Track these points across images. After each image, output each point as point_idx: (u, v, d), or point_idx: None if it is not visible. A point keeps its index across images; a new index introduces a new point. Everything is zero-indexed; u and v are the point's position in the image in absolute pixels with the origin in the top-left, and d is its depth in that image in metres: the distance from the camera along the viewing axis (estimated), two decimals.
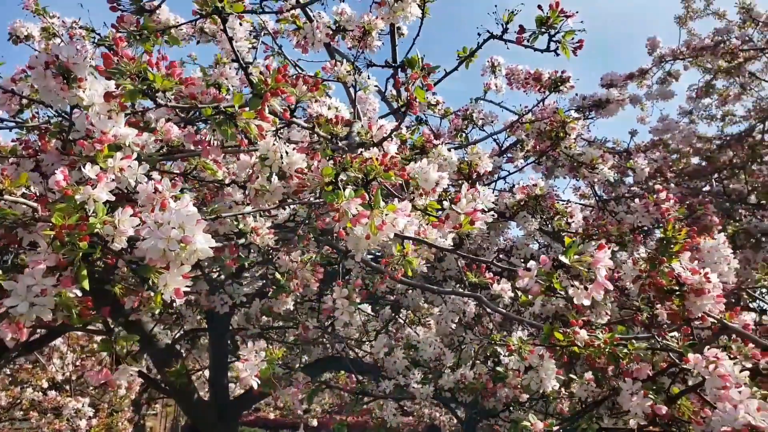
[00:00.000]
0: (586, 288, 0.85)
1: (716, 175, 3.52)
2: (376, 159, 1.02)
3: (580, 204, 3.89)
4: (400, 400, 2.02)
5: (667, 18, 5.44)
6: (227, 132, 0.97)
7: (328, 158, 1.22)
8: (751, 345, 1.44)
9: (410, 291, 2.50)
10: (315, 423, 7.06)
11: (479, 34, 1.53)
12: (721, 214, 3.39)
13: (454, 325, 2.26)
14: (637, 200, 2.18)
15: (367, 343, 2.69)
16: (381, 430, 1.90)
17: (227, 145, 1.18)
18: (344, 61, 1.89)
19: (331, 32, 1.93)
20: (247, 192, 1.40)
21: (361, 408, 2.24)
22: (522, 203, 2.27)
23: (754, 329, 1.94)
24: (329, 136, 1.25)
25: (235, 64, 1.79)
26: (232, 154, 1.50)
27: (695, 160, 4.59)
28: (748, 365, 1.48)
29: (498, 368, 1.86)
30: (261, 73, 0.98)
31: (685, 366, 1.24)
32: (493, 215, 2.50)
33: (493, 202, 2.77)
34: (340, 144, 1.28)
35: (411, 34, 2.36)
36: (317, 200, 1.21)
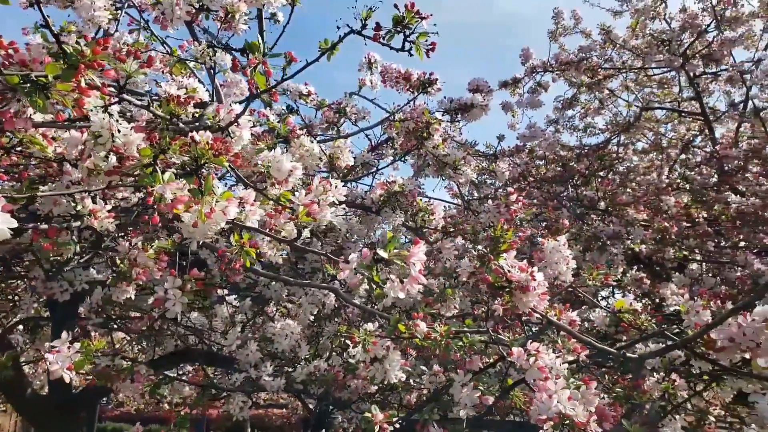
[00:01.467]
0: (401, 281, 0.87)
1: (572, 182, 3.81)
2: (207, 143, 0.98)
3: (451, 203, 4.06)
4: (250, 393, 1.98)
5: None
6: (37, 103, 0.89)
7: (168, 140, 1.16)
8: (573, 340, 1.57)
9: (273, 283, 2.46)
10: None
11: (338, 27, 1.52)
12: (574, 219, 3.67)
13: (312, 317, 2.25)
14: (490, 201, 2.29)
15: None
16: (226, 423, 1.85)
17: (46, 121, 1.08)
18: (203, 41, 1.81)
19: (193, 10, 1.84)
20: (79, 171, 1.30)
21: (208, 401, 2.17)
22: (384, 198, 2.30)
23: (583, 324, 2.11)
24: (168, 117, 1.18)
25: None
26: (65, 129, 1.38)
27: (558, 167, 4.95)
28: (571, 358, 1.61)
29: (350, 360, 1.88)
30: (77, 43, 0.90)
31: (510, 359, 1.32)
32: (344, 209, 2.52)
33: (362, 197, 2.78)
34: (181, 125, 1.22)
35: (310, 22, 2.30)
36: (135, 183, 1.14)
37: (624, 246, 3.45)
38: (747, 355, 1.33)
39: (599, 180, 3.73)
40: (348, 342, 1.95)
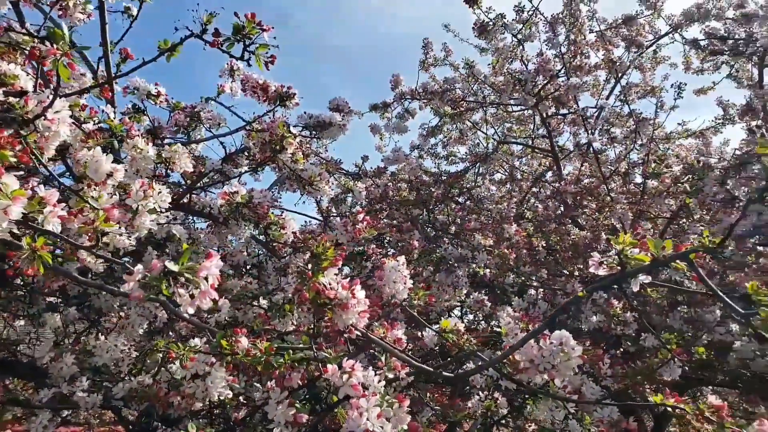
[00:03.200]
0: (192, 296, 0.84)
1: (427, 206, 3.98)
2: None
3: (314, 218, 4.06)
4: (59, 410, 1.81)
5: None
6: None
7: None
8: (394, 358, 1.61)
9: (102, 292, 2.29)
10: None
11: (176, 29, 1.47)
12: (425, 241, 3.81)
13: (141, 330, 2.12)
14: (338, 219, 2.32)
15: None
16: None
17: None
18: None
19: None
20: None
21: (9, 420, 1.96)
22: (229, 209, 2.24)
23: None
24: None
25: None
26: None
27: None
28: (392, 375, 1.65)
29: (176, 376, 1.79)
30: None
31: (326, 376, 1.33)
32: (167, 216, 2.42)
33: (209, 207, 2.67)
34: None
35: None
36: None
37: (470, 269, 3.64)
38: (545, 376, 1.45)
39: (451, 206, 3.93)
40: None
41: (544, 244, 4.16)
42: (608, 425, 1.63)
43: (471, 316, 4.43)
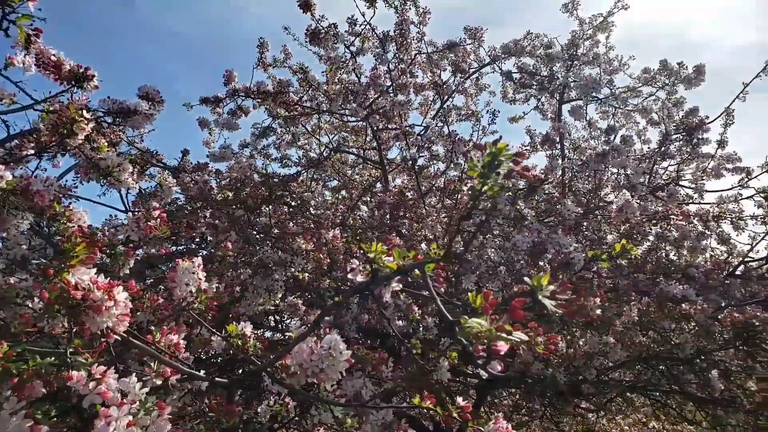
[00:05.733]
0: None
1: (249, 207, 3.89)
2: None
3: (118, 210, 3.76)
4: None
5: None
6: None
7: None
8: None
9: None
10: None
11: None
12: (242, 243, 3.72)
13: None
14: (130, 214, 2.17)
15: None
16: None
17: None
18: None
19: None
20: None
21: None
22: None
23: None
24: None
25: None
26: None
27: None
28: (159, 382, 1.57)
29: None
30: None
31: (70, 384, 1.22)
32: None
33: None
34: None
35: None
36: None
37: (288, 273, 3.62)
38: (314, 380, 1.47)
39: (276, 209, 3.89)
40: None
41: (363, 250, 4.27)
42: (381, 428, 1.69)
43: (288, 321, 4.42)
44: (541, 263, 3.31)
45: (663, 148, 4.89)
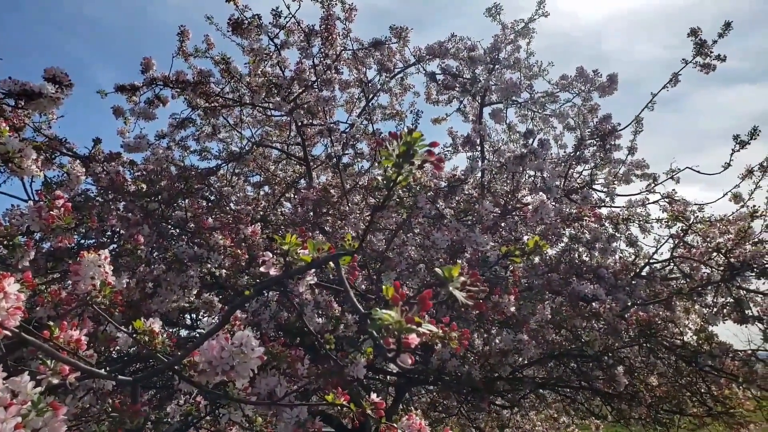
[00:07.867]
0: None
1: (160, 199, 3.75)
2: None
3: (20, 198, 3.50)
4: None
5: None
6: None
7: None
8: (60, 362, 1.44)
9: None
10: None
11: None
12: (158, 238, 3.58)
13: None
14: (30, 203, 2.04)
15: None
16: None
17: None
18: None
19: None
20: None
21: None
22: None
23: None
24: None
25: None
26: None
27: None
28: (56, 381, 1.48)
29: None
30: None
31: None
32: None
33: None
34: None
35: None
36: None
37: (204, 269, 3.51)
38: (224, 378, 1.42)
39: (192, 203, 3.76)
40: None
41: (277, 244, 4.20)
42: (296, 426, 1.67)
43: (206, 318, 4.28)
44: (459, 261, 3.38)
45: (578, 153, 5.12)
